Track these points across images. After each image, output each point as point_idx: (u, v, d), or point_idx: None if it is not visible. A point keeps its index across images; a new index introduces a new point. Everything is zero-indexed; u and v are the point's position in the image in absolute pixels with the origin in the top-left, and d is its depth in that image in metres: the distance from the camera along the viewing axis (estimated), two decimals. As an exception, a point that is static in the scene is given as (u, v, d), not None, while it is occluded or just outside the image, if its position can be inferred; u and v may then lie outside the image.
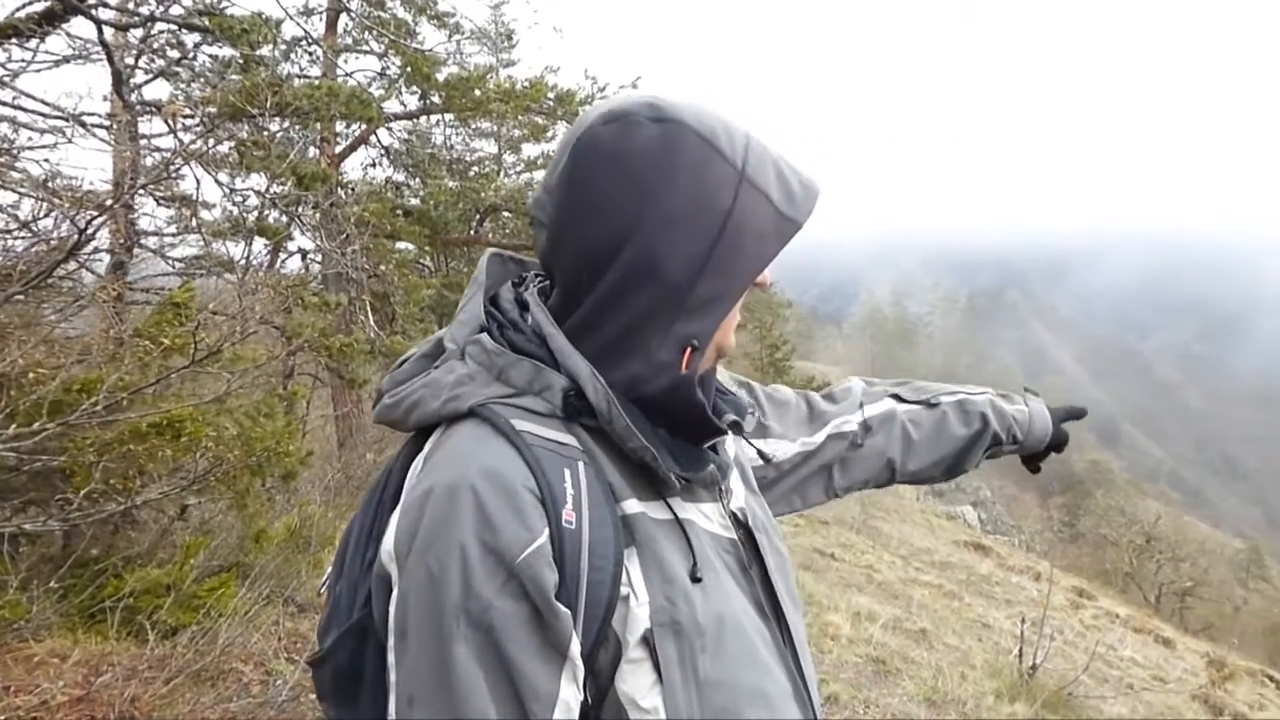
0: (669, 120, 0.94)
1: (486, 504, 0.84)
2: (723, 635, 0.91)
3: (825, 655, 5.98)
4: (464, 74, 10.85)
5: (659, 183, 0.93)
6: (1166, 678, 10.10)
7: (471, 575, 0.81)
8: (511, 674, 0.81)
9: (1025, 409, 1.61)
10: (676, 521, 0.95)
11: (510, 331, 1.01)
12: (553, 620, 0.82)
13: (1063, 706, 6.30)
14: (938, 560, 14.27)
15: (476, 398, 0.95)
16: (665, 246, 0.93)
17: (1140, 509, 36.66)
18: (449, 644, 0.81)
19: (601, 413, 0.93)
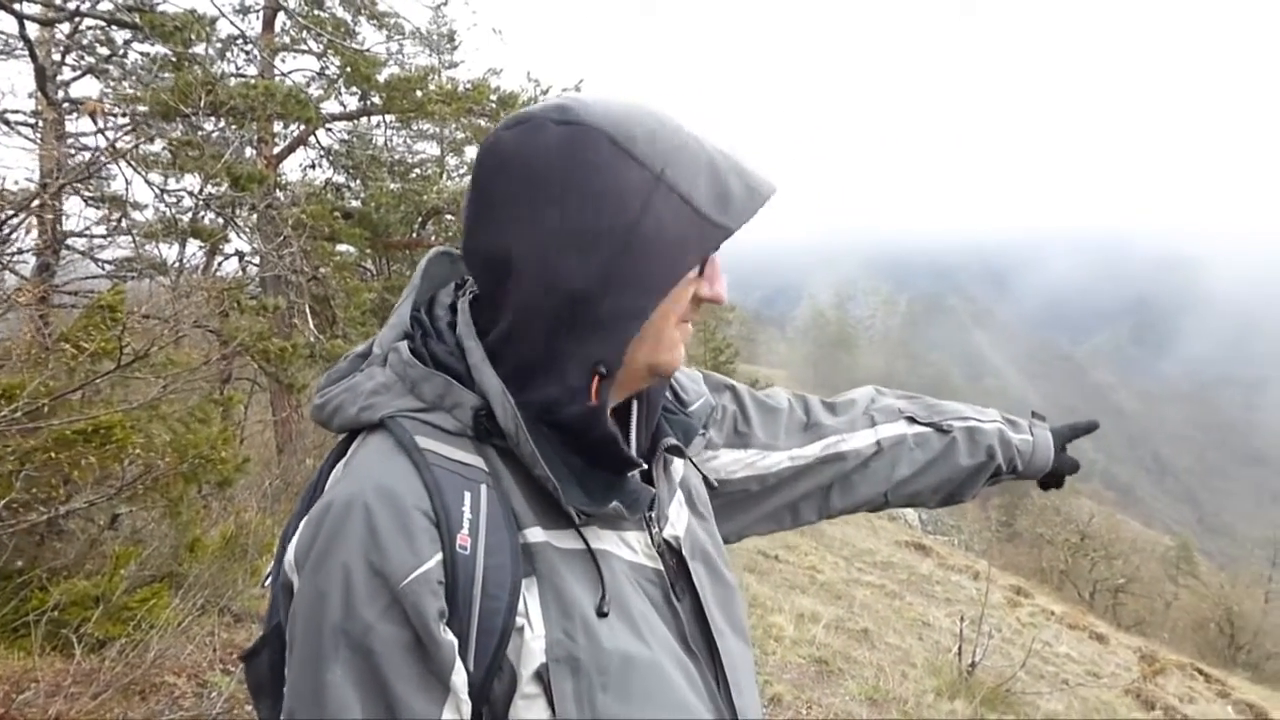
0: (575, 124, 0.88)
1: (377, 524, 0.81)
2: (630, 673, 0.87)
3: (769, 657, 6.01)
4: (405, 75, 10.75)
5: (555, 189, 0.87)
6: (1100, 673, 10.33)
7: (354, 596, 0.79)
8: (390, 700, 0.79)
9: (1030, 439, 1.53)
10: (589, 551, 0.91)
11: (433, 341, 0.97)
12: (434, 650, 0.80)
13: (1001, 703, 6.40)
14: (880, 560, 14.44)
15: (388, 409, 0.92)
16: (562, 258, 0.87)
17: (1075, 508, 37.39)
18: (326, 665, 0.79)
19: (509, 435, 0.90)
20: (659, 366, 0.96)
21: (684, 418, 1.12)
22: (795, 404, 1.41)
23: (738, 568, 8.12)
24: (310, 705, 0.79)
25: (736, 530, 1.34)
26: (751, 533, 1.37)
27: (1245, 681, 18.98)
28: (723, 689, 0.97)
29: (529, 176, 0.88)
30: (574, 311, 0.88)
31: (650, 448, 1.05)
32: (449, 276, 1.06)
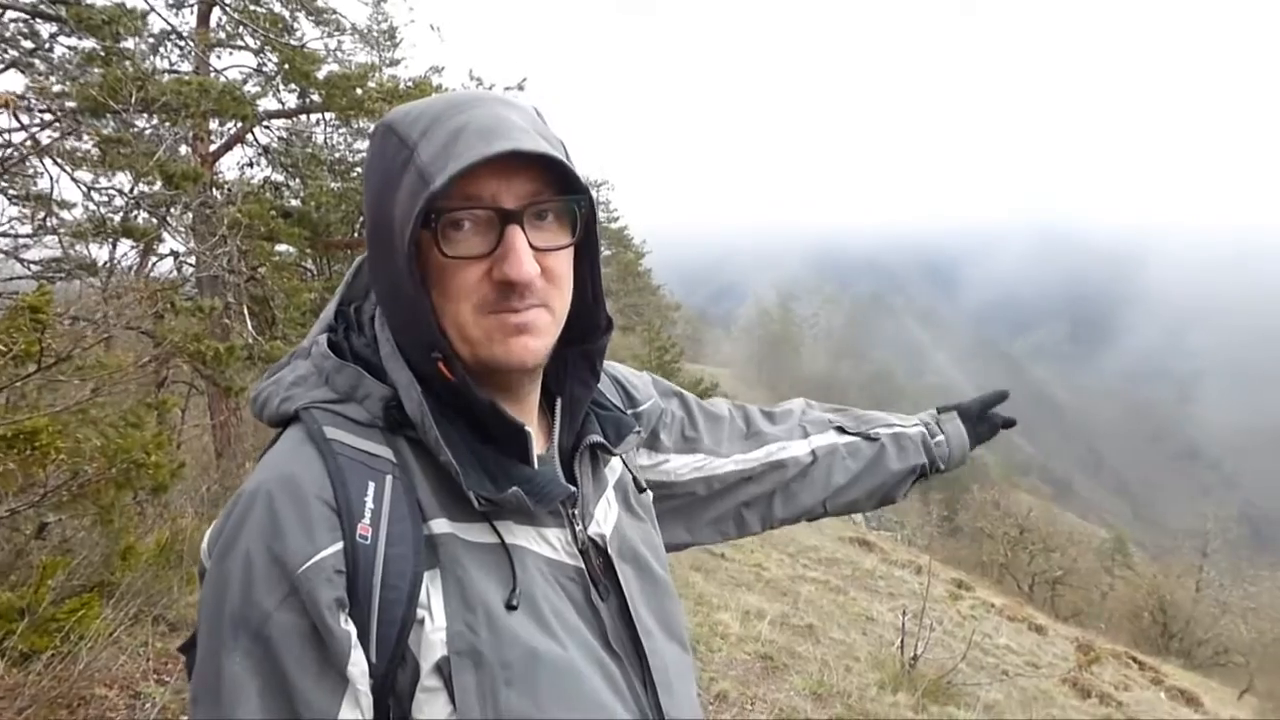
0: (380, 126, 0.94)
1: (278, 513, 0.82)
2: (537, 669, 0.86)
3: (715, 654, 6.04)
4: (345, 72, 10.59)
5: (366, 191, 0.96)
6: (1039, 663, 10.55)
7: (254, 584, 0.80)
8: (288, 690, 0.78)
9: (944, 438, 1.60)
10: (502, 546, 0.91)
11: (354, 334, 1.00)
12: (329, 639, 0.79)
13: (942, 695, 6.50)
14: (824, 557, 14.57)
15: (303, 400, 0.94)
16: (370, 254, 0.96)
17: (1013, 502, 38.25)
18: (224, 652, 0.79)
19: (416, 423, 0.91)
20: (486, 360, 0.92)
21: (616, 414, 1.11)
22: (735, 413, 1.45)
23: (684, 566, 8.16)
24: (210, 692, 0.79)
25: (685, 536, 1.36)
26: (700, 540, 1.40)
27: (1178, 668, 19.53)
28: (649, 690, 0.96)
29: (364, 183, 0.97)
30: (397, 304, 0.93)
31: (574, 445, 1.04)
32: None
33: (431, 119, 0.89)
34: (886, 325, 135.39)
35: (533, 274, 0.89)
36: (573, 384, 1.05)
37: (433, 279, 0.90)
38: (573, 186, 0.93)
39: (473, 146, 0.86)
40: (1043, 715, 7.42)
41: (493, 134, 0.87)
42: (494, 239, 0.89)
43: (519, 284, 0.89)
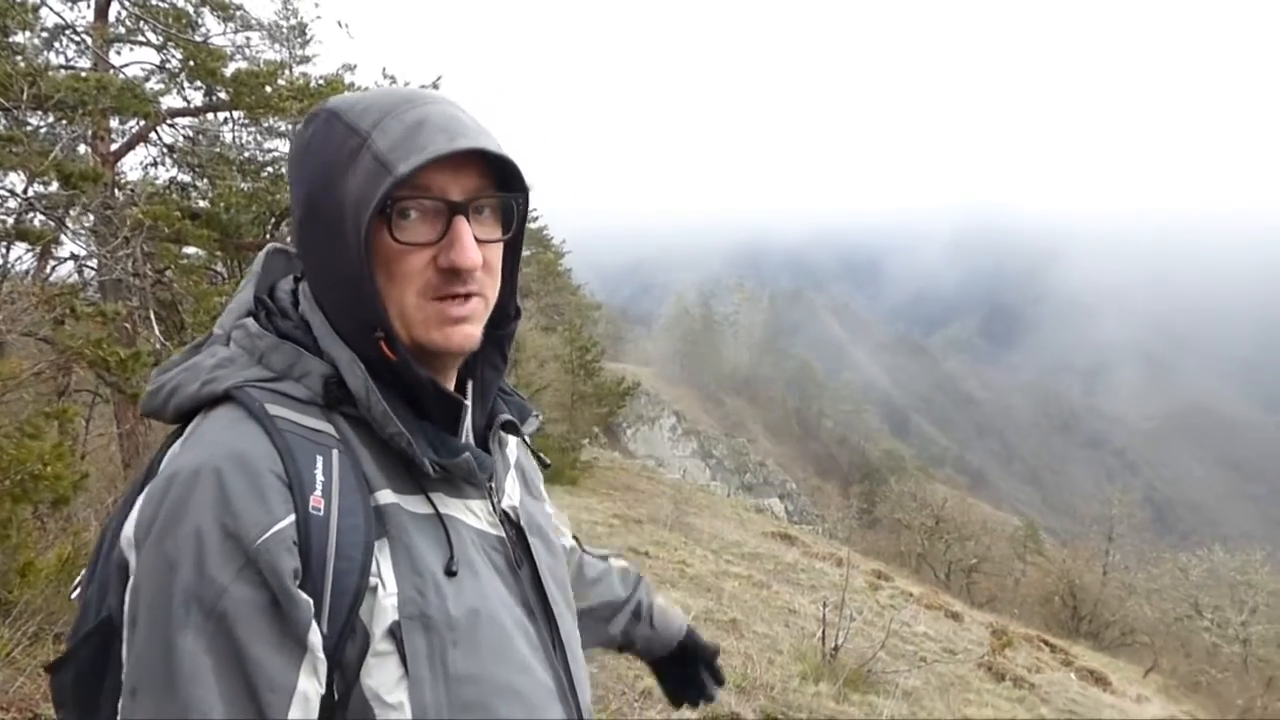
0: (321, 110, 0.97)
1: (229, 487, 0.82)
2: (477, 630, 0.91)
3: (639, 652, 6.04)
4: (253, 70, 10.32)
5: (302, 174, 0.97)
6: (956, 649, 10.81)
7: (207, 559, 0.79)
8: (245, 664, 0.78)
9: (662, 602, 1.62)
10: (437, 516, 0.95)
11: (278, 319, 1.00)
12: (290, 609, 0.80)
13: (863, 683, 6.62)
14: (747, 552, 14.73)
15: (234, 380, 0.93)
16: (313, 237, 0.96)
17: (930, 494, 39.11)
18: (176, 631, 0.77)
19: (360, 399, 0.93)
20: (424, 344, 0.97)
21: (518, 399, 1.16)
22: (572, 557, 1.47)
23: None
24: (159, 677, 0.77)
25: None
26: None
27: (1087, 650, 20.24)
28: (559, 654, 1.02)
29: (293, 167, 0.99)
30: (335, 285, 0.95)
31: (487, 424, 1.10)
32: (286, 270, 1.09)
33: (383, 111, 0.93)
34: (806, 322, 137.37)
35: (477, 261, 0.95)
36: (484, 367, 1.09)
37: (377, 263, 0.93)
38: (512, 185, 0.99)
39: (435, 140, 0.90)
40: (959, 700, 7.60)
41: (453, 131, 0.92)
42: (441, 228, 0.94)
43: (464, 270, 0.94)
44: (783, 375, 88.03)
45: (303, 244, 0.99)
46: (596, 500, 17.68)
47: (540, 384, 22.26)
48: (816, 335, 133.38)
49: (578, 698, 1.02)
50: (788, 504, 50.29)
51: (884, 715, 5.99)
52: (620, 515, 14.94)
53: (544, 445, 21.12)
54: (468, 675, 0.88)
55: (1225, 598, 27.47)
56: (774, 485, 55.51)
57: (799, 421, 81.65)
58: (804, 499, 52.65)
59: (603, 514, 14.78)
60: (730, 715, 5.05)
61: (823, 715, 5.61)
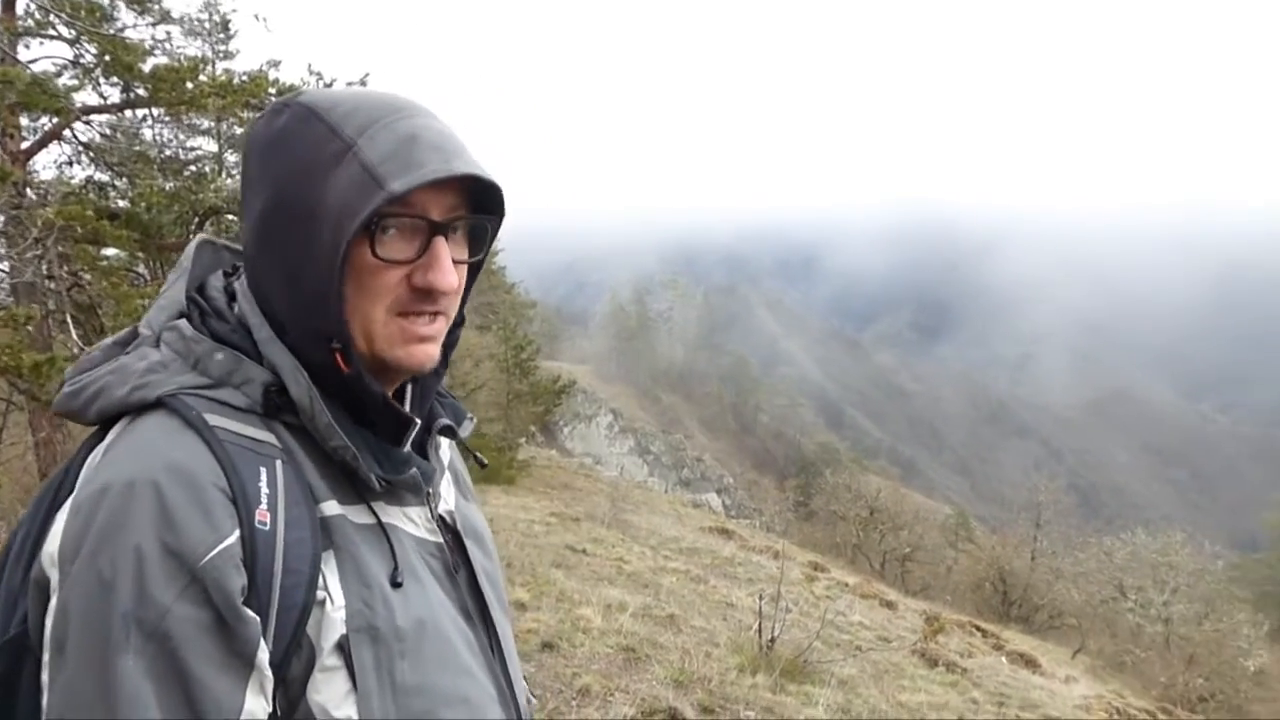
0: (293, 105, 0.93)
1: (169, 502, 0.78)
2: (423, 640, 0.90)
3: (577, 649, 6.03)
4: (173, 65, 10.04)
5: (265, 168, 0.92)
6: (890, 637, 10.99)
7: (147, 579, 0.75)
8: (189, 687, 0.74)
9: None
10: (379, 525, 0.93)
11: (213, 320, 0.95)
12: (238, 626, 0.78)
13: (799, 673, 6.70)
14: (685, 547, 14.80)
15: (167, 387, 0.88)
16: (274, 233, 0.92)
17: (864, 485, 39.70)
18: (114, 656, 0.73)
19: (304, 409, 0.90)
20: (387, 361, 0.94)
21: (452, 401, 1.15)
22: None
23: (545, 564, 8.10)
24: (94, 705, 0.73)
25: None
26: None
27: (1018, 634, 20.73)
28: (497, 658, 1.02)
29: (256, 158, 0.93)
30: (295, 291, 0.91)
31: (424, 429, 1.07)
32: (215, 264, 1.05)
33: (369, 117, 0.90)
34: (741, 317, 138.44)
35: (455, 284, 0.94)
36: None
37: (349, 274, 0.90)
38: (489, 207, 0.99)
39: (430, 160, 0.89)
40: (894, 686, 7.73)
41: (448, 151, 0.91)
42: (420, 246, 0.92)
43: (438, 291, 0.92)
44: (718, 371, 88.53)
45: (260, 242, 0.93)
46: (534, 499, 17.60)
47: (476, 383, 22.07)
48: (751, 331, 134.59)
49: (516, 700, 1.02)
50: (725, 499, 50.71)
51: (820, 704, 6.06)
52: (557, 514, 14.90)
53: (480, 445, 20.95)
54: (415, 686, 0.87)
55: (1148, 579, 28.32)
56: (711, 480, 55.89)
57: (735, 417, 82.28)
58: (741, 493, 53.08)
59: (540, 513, 14.71)
60: (668, 710, 5.07)
61: (760, 706, 5.66)
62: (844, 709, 6.29)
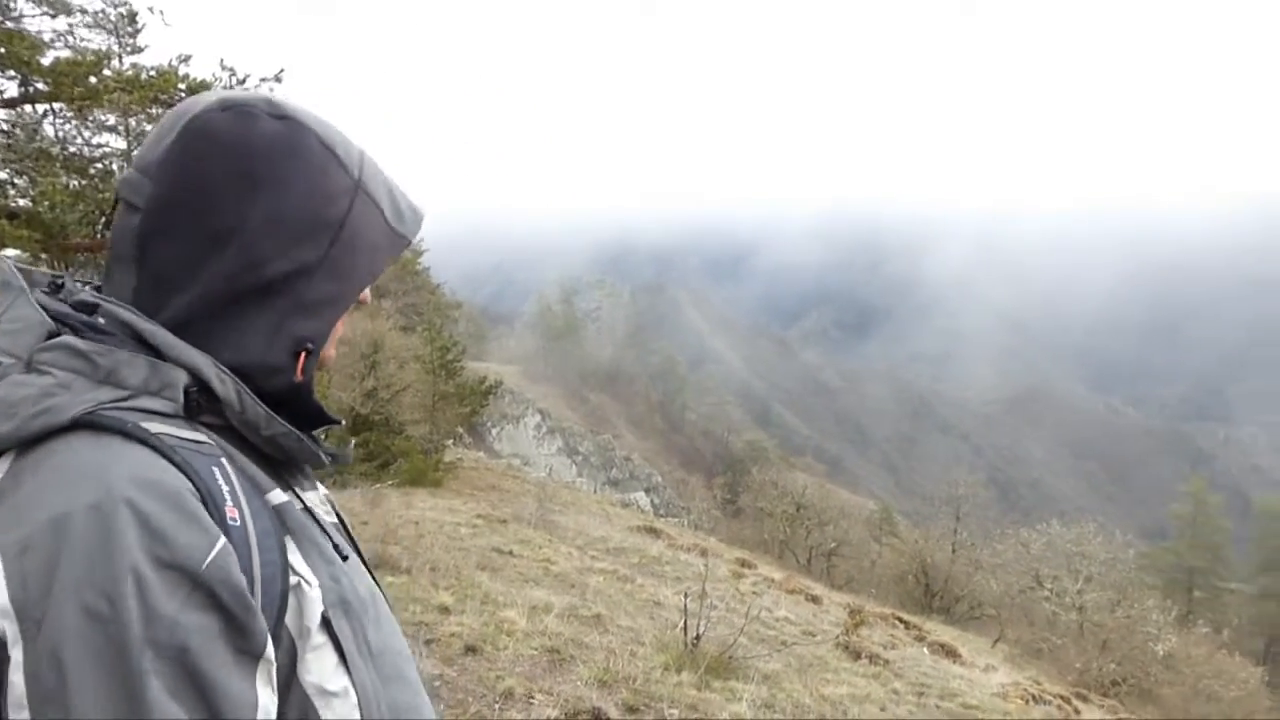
0: (290, 119, 0.95)
1: (150, 517, 0.74)
2: (377, 605, 0.97)
3: (501, 652, 5.97)
4: (75, 59, 9.71)
5: (276, 179, 0.92)
6: (815, 631, 11.13)
7: (151, 599, 0.71)
8: (211, 694, 0.72)
9: None
10: (306, 509, 0.96)
11: (92, 334, 0.88)
12: (251, 623, 0.77)
13: (724, 670, 6.74)
14: (613, 547, 14.79)
15: (79, 406, 0.81)
16: (275, 245, 0.92)
17: (790, 481, 40.17)
18: (141, 686, 0.69)
19: (231, 404, 0.89)
20: (328, 360, 1.03)
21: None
22: None
23: (471, 566, 8.00)
24: None
25: None
26: None
27: (939, 625, 21.19)
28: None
29: (247, 162, 0.91)
30: (281, 295, 0.93)
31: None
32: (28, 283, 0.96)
33: (360, 154, 1.00)
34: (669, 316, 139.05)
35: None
36: None
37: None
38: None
39: (414, 215, 1.06)
40: (817, 679, 7.82)
41: (412, 203, 1.07)
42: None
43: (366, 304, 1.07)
44: (646, 370, 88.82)
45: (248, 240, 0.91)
46: (460, 502, 17.42)
47: (401, 385, 21.73)
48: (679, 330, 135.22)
49: None
50: (654, 497, 50.83)
51: (744, 700, 6.11)
52: (484, 515, 14.76)
53: (406, 448, 20.69)
54: (382, 649, 0.92)
55: (1063, 569, 29.11)
56: (640, 479, 55.97)
57: (663, 415, 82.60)
58: (670, 492, 53.27)
59: (466, 515, 14.56)
60: (591, 710, 5.05)
61: (684, 704, 5.67)
62: (768, 704, 6.34)
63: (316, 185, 0.94)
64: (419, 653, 5.46)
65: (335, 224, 0.95)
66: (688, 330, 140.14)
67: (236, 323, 0.92)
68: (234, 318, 0.92)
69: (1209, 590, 47.54)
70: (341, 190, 0.96)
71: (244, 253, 0.91)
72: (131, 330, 0.89)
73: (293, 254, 0.93)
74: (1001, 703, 9.86)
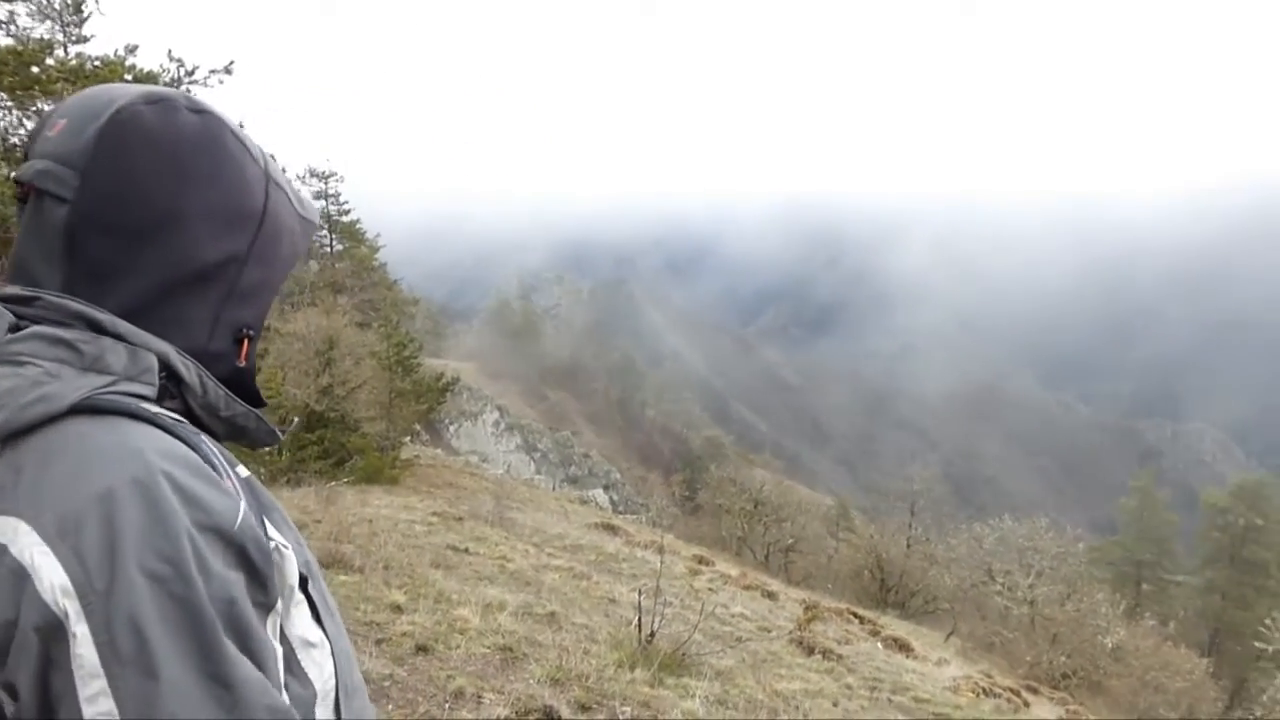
0: (209, 114, 0.98)
1: (185, 486, 0.80)
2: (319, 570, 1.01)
3: (452, 651, 5.92)
4: (16, 47, 9.48)
5: (204, 171, 0.95)
6: (770, 627, 11.19)
7: (206, 561, 0.77)
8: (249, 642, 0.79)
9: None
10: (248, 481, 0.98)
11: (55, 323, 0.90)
12: (271, 573, 0.85)
13: (678, 666, 6.74)
14: (569, 544, 14.75)
15: (76, 393, 0.83)
16: (209, 235, 0.95)
17: (748, 477, 40.41)
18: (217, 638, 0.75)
19: (194, 387, 0.94)
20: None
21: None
22: None
23: (425, 564, 7.91)
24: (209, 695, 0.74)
25: None
26: None
27: (894, 619, 21.43)
28: None
29: (177, 155, 0.93)
30: (217, 284, 0.97)
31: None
32: None
33: (260, 148, 1.03)
34: (628, 313, 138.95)
35: None
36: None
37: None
38: None
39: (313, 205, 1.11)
40: (771, 675, 7.86)
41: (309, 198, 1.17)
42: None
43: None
44: (605, 367, 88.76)
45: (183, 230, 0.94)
46: (417, 499, 17.28)
47: (356, 382, 21.49)
48: (638, 326, 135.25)
49: None
50: (612, 494, 50.84)
51: (697, 696, 6.12)
52: (440, 513, 14.64)
53: (362, 445, 20.49)
54: (332, 608, 0.98)
55: (1014, 563, 29.51)
56: (599, 476, 55.97)
57: (622, 412, 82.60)
58: (628, 489, 53.34)
59: (422, 513, 14.44)
60: (543, 709, 5.03)
61: (637, 701, 5.67)
62: (721, 700, 6.36)
63: (239, 176, 0.98)
64: (369, 653, 5.40)
65: (258, 212, 0.99)
66: (647, 327, 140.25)
67: (177, 313, 0.95)
68: (175, 308, 0.95)
69: (1156, 583, 48.46)
70: (257, 180, 0.99)
71: (180, 244, 0.94)
72: (87, 320, 0.89)
73: (224, 243, 0.96)
74: (953, 696, 9.98)
